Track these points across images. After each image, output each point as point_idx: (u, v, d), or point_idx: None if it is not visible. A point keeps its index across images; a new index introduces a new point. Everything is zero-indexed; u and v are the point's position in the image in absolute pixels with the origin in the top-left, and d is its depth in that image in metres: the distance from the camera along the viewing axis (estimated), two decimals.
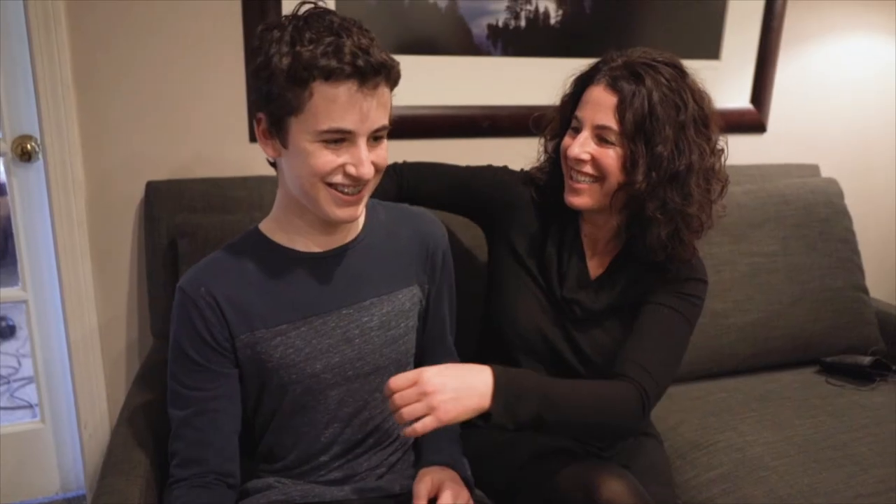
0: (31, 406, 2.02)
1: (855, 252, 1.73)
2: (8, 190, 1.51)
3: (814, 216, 1.70)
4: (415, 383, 0.87)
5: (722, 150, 1.11)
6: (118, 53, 1.41)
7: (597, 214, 1.14)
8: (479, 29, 1.64)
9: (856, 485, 1.21)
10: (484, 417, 0.91)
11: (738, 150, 1.93)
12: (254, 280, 0.98)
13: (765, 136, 1.97)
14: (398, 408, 0.87)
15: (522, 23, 1.67)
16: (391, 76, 0.89)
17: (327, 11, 0.88)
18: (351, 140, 0.88)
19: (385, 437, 1.06)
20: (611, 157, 1.06)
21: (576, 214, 1.18)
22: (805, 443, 1.31)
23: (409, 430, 0.87)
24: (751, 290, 1.62)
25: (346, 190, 0.91)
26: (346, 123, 0.86)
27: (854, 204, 1.78)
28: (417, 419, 0.87)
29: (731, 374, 1.62)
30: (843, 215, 1.74)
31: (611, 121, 1.05)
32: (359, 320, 1.01)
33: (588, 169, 1.08)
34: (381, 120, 0.89)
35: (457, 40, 1.64)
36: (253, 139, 1.54)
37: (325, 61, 0.83)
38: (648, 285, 1.12)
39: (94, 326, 1.54)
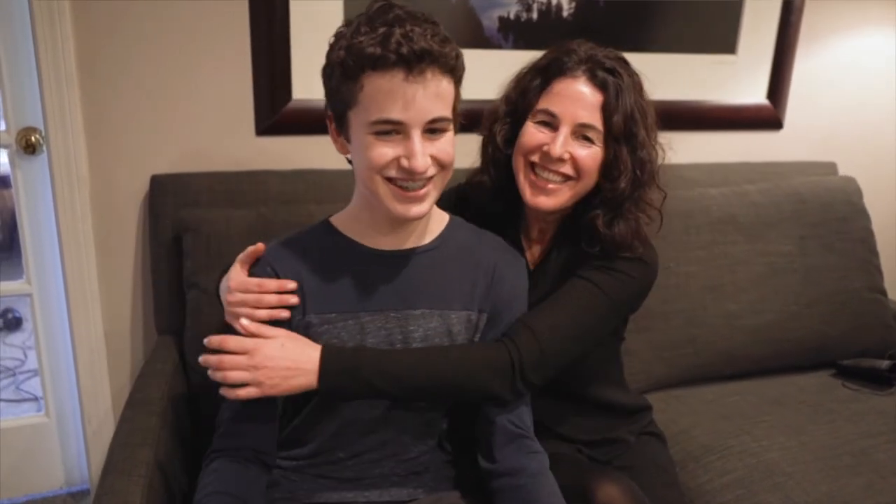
0: (36, 399, 2.01)
1: (873, 253, 1.70)
2: (12, 182, 1.50)
3: (831, 215, 1.66)
4: (247, 353, 0.88)
5: None
6: (123, 45, 1.39)
7: (550, 213, 1.09)
8: (489, 21, 1.61)
9: (875, 493, 1.18)
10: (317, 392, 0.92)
11: (754, 147, 1.92)
12: (315, 266, 0.97)
13: (781, 132, 1.93)
14: (223, 369, 0.88)
15: (534, 15, 1.63)
16: (442, 64, 0.85)
17: (393, 6, 0.87)
18: (404, 132, 0.86)
19: (402, 450, 1.03)
20: (591, 157, 1.02)
21: (518, 212, 1.12)
22: (821, 449, 1.28)
23: (229, 393, 0.89)
24: (766, 290, 1.59)
25: (404, 185, 0.89)
26: (395, 114, 0.84)
27: (872, 203, 1.74)
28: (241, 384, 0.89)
29: (745, 376, 1.59)
30: (861, 215, 1.70)
31: (595, 120, 1.00)
32: (405, 327, 0.98)
33: (566, 169, 1.02)
34: (436, 111, 0.86)
35: (467, 32, 1.60)
36: (259, 132, 1.52)
37: (371, 50, 0.82)
38: (581, 264, 1.06)
39: (99, 322, 1.52)
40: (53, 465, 1.69)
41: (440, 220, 1.04)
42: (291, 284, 0.95)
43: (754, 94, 1.88)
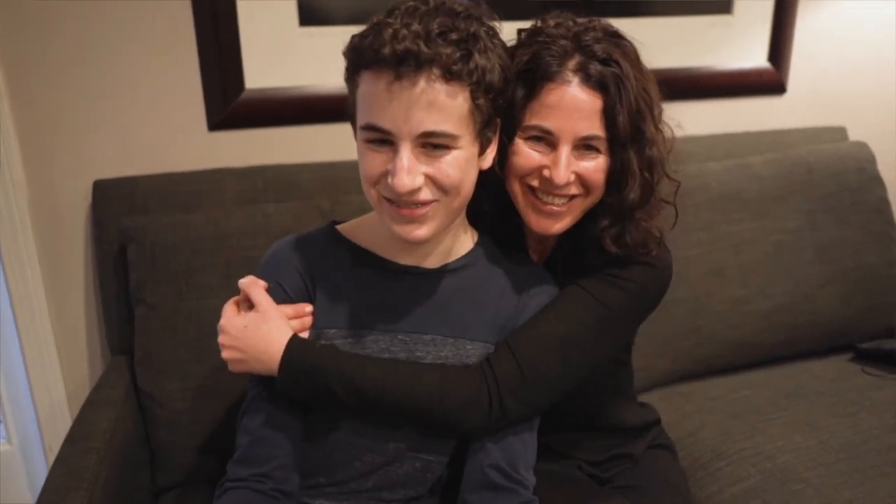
0: None
1: (890, 224, 1.58)
2: None
3: (843, 185, 1.54)
4: (222, 330, 0.86)
5: None
6: (54, 37, 1.25)
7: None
8: None
9: None
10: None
11: (756, 115, 1.78)
12: (316, 274, 0.89)
13: (785, 97, 1.80)
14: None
15: None
16: (441, 68, 0.72)
17: None
18: (394, 143, 0.76)
19: (387, 484, 0.91)
20: (599, 169, 0.87)
21: (519, 232, 0.98)
22: (844, 447, 1.17)
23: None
24: (775, 271, 1.47)
25: (397, 203, 0.78)
26: (382, 121, 0.75)
27: (887, 170, 1.62)
28: None
29: (755, 366, 1.48)
30: (875, 183, 1.58)
31: (598, 129, 0.84)
32: (412, 352, 0.87)
33: (573, 189, 0.87)
34: (430, 124, 0.74)
35: None
36: (212, 127, 1.39)
37: (368, 45, 0.74)
38: (582, 272, 0.92)
39: (51, 342, 1.40)
40: (21, 493, 1.59)
41: (469, 237, 0.92)
42: (308, 307, 0.88)
43: (754, 56, 1.74)
